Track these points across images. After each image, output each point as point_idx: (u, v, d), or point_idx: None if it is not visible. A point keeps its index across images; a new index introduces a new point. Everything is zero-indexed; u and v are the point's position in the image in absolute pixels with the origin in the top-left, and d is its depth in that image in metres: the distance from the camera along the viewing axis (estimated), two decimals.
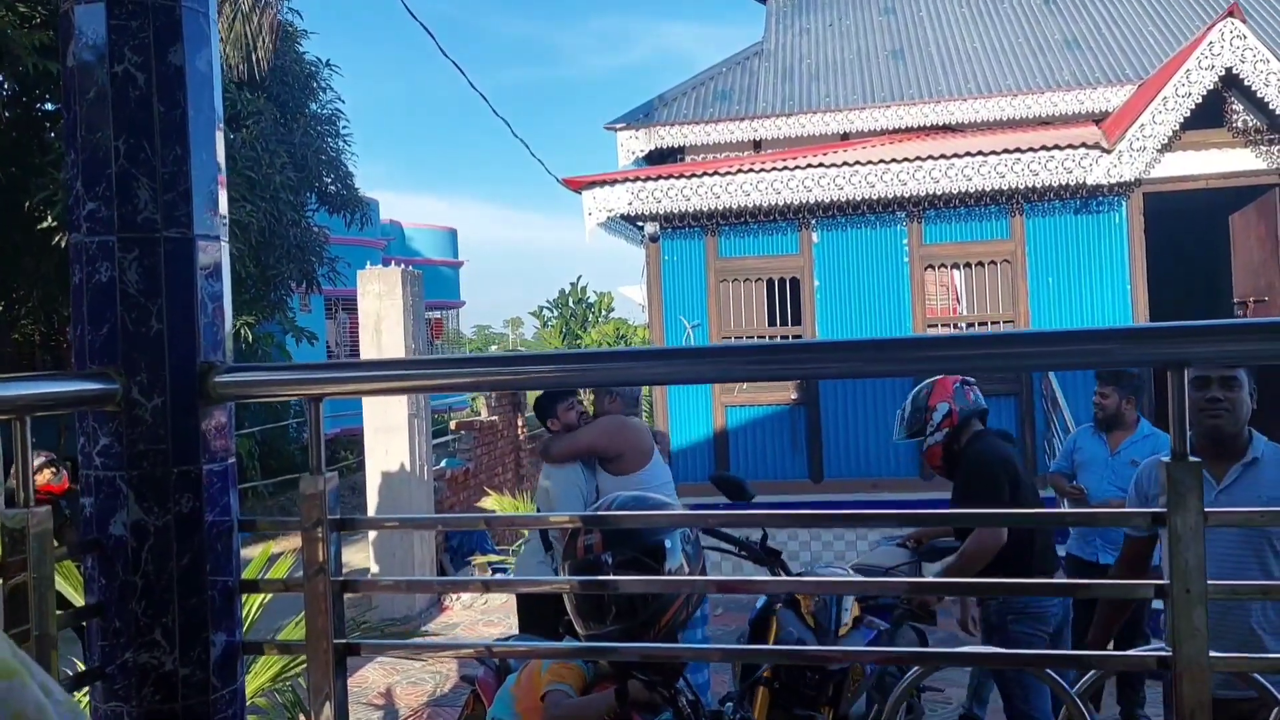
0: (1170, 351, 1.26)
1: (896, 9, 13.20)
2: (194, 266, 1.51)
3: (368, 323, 8.20)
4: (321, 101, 11.38)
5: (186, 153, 1.49)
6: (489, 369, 1.59)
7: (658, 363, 1.57)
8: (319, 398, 1.57)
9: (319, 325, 18.43)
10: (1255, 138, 8.23)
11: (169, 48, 1.46)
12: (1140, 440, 4.93)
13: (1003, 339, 1.42)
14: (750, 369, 1.54)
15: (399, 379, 1.64)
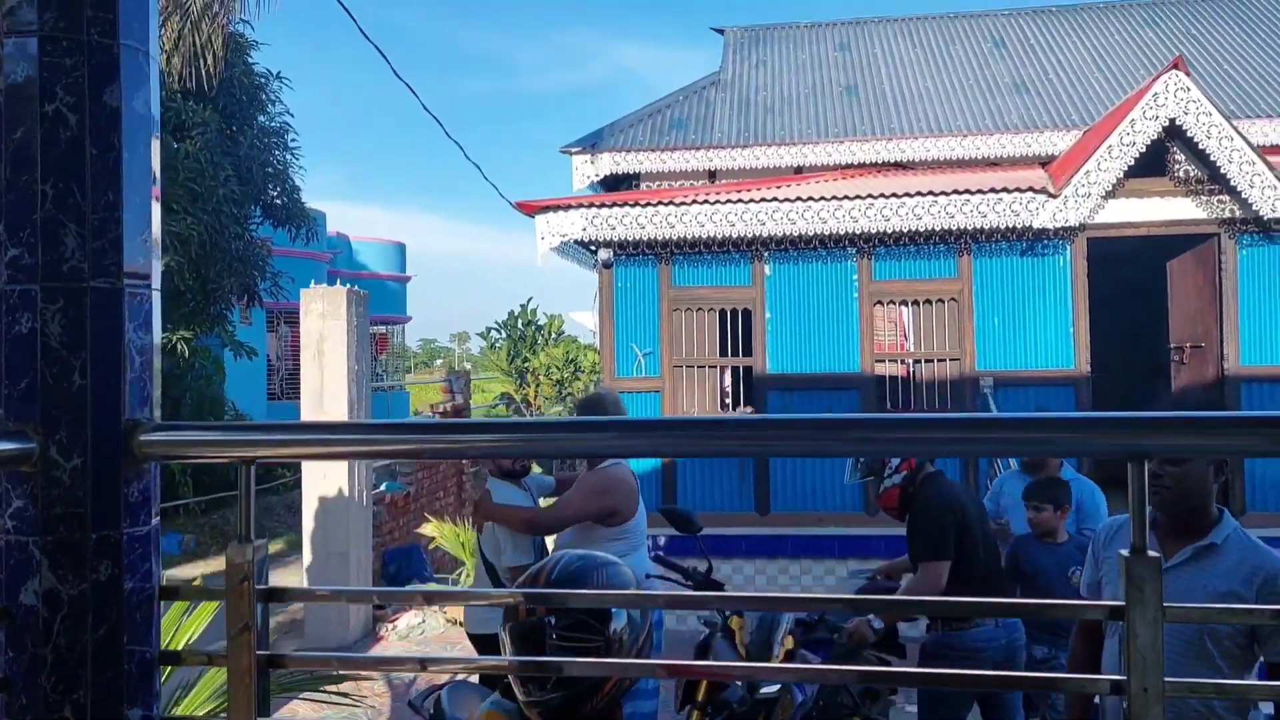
0: (1128, 443, 1.23)
1: (851, 46, 13.37)
2: (122, 318, 1.42)
3: (310, 343, 8.02)
4: (270, 114, 11.17)
5: (119, 199, 1.40)
6: (434, 436, 1.51)
7: (609, 435, 1.50)
8: (251, 461, 1.48)
9: (260, 339, 18.07)
10: (1196, 188, 8.42)
11: (105, 87, 1.37)
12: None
13: (958, 424, 1.37)
14: (703, 444, 1.50)
15: (339, 444, 1.55)
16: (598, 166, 11.13)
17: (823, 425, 1.42)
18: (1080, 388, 8.67)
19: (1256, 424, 1.26)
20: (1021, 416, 1.40)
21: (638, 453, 1.40)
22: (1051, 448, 1.39)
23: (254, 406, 18.74)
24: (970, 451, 1.97)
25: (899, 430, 1.40)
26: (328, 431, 1.59)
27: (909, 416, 1.39)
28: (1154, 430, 1.26)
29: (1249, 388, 8.45)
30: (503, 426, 1.50)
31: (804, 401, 8.93)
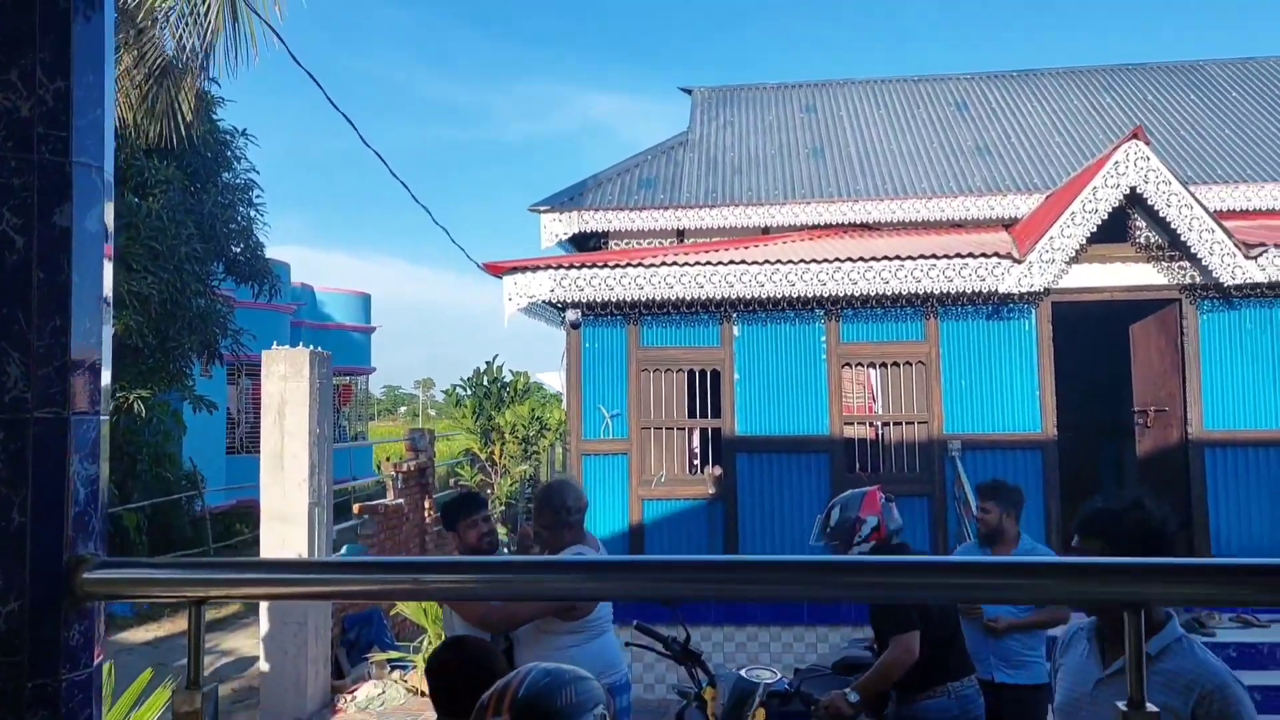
0: (1126, 591, 1.18)
1: (817, 107, 13.54)
2: (67, 449, 1.32)
3: (271, 405, 7.86)
4: (235, 170, 11.08)
5: (67, 324, 1.31)
6: (398, 576, 1.42)
7: (585, 576, 1.42)
8: (201, 601, 1.38)
9: (220, 391, 17.77)
10: (1157, 254, 8.55)
11: (55, 208, 1.29)
12: (1018, 555, 4.93)
13: (951, 568, 1.32)
14: (682, 586, 1.42)
15: (298, 584, 1.46)
16: (566, 225, 11.12)
17: (815, 568, 1.35)
18: (1047, 451, 8.69)
19: (1258, 572, 1.22)
20: (1016, 562, 1.34)
21: (610, 595, 1.31)
22: (1047, 594, 1.33)
23: (212, 461, 18.39)
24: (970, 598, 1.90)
25: (895, 574, 1.34)
26: (286, 570, 1.49)
27: (904, 560, 1.32)
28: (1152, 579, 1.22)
29: (1212, 452, 8.52)
30: (469, 566, 1.42)
31: (773, 464, 8.88)
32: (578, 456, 9.03)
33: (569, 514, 4.13)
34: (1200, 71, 13.70)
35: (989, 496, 5.07)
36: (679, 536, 8.90)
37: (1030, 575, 1.29)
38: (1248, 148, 11.43)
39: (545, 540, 4.19)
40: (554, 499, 4.16)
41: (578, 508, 4.17)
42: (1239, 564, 1.21)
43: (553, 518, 4.13)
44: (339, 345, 25.02)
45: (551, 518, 4.13)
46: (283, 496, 7.88)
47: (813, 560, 1.35)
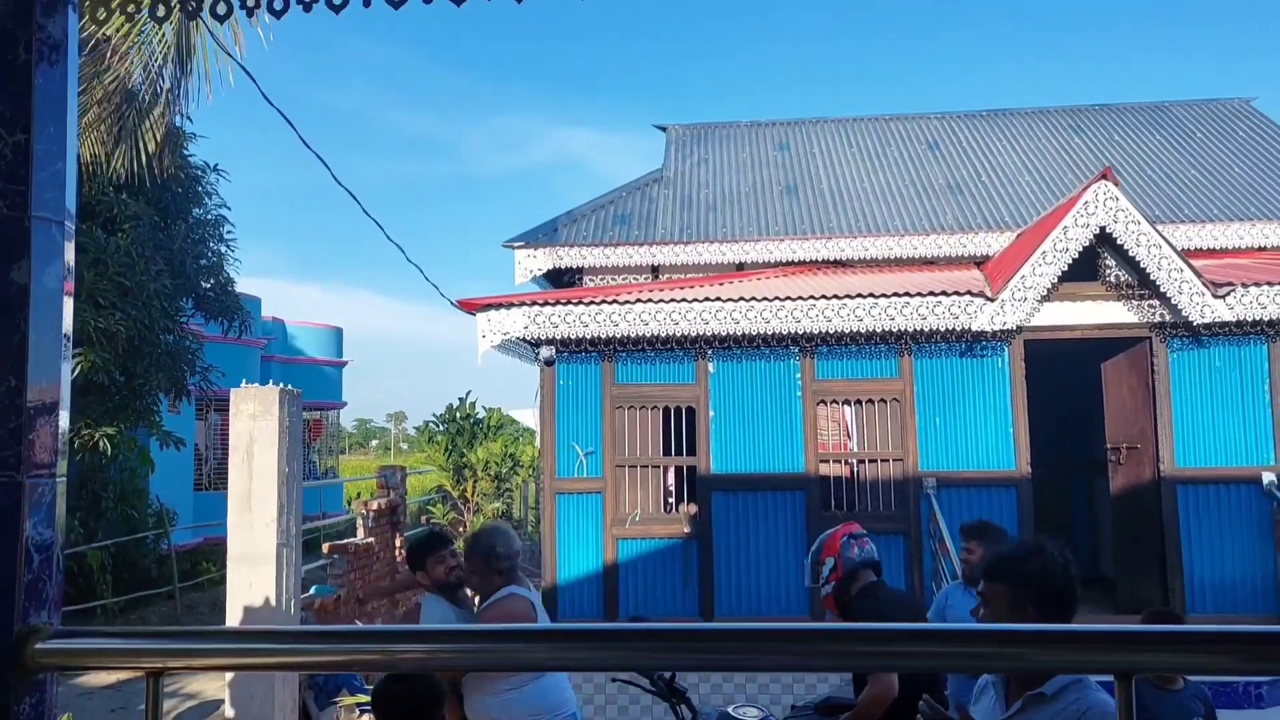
0: (1118, 660, 1.16)
1: (790, 145, 13.65)
2: (20, 514, 1.27)
3: (239, 444, 7.73)
4: (206, 206, 10.99)
5: (23, 383, 1.26)
6: (363, 646, 1.36)
7: (560, 645, 1.37)
8: (159, 673, 1.32)
9: (189, 427, 17.52)
10: (1127, 292, 8.63)
11: (12, 265, 1.24)
12: None
13: (935, 636, 1.28)
14: (653, 656, 1.38)
15: (259, 654, 1.40)
16: (541, 260, 11.10)
17: (793, 636, 1.32)
18: (1021, 489, 8.71)
19: (1255, 639, 1.21)
20: (1009, 629, 1.31)
21: (588, 665, 1.27)
22: (1039, 663, 1.30)
23: (180, 498, 18.08)
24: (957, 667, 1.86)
25: (877, 643, 1.31)
26: (247, 640, 1.43)
27: (891, 627, 1.29)
28: (1143, 647, 1.20)
29: (1184, 489, 8.56)
30: (437, 635, 1.36)
31: (748, 502, 8.84)
32: (551, 495, 8.95)
33: (498, 560, 4.16)
34: (1165, 112, 13.95)
35: (974, 537, 5.03)
36: (653, 576, 8.82)
37: (1019, 643, 1.26)
38: (1213, 187, 11.61)
39: (475, 586, 4.27)
40: (482, 546, 4.19)
41: (507, 554, 4.19)
42: (1229, 631, 1.19)
43: (482, 564, 4.17)
44: (310, 380, 24.79)
45: (480, 564, 4.18)
46: (250, 537, 7.73)
47: (796, 628, 1.31)
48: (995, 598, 2.54)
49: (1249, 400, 8.61)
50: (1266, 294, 8.25)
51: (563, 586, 8.80)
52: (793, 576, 8.74)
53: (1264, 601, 8.36)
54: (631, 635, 1.42)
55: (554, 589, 8.83)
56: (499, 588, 4.18)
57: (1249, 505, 8.49)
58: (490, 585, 4.17)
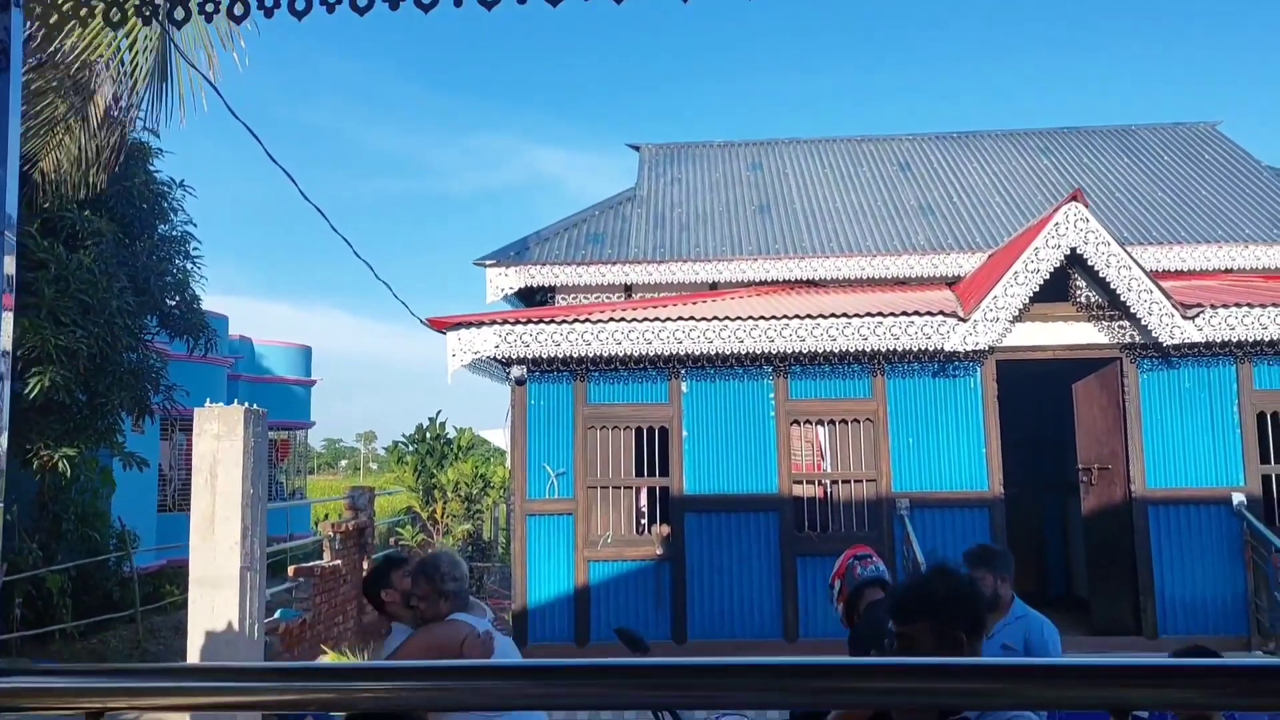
0: (1110, 695, 1.13)
1: (763, 165, 13.67)
2: None
3: (202, 465, 7.56)
4: (172, 222, 10.81)
5: None
6: (321, 684, 1.27)
7: (529, 682, 1.29)
8: (99, 713, 1.23)
9: (153, 447, 17.20)
10: (1097, 313, 8.67)
11: None
12: (1014, 622, 4.79)
13: (926, 671, 1.21)
14: (635, 693, 1.30)
15: (208, 693, 1.30)
16: (512, 279, 11.02)
17: (781, 672, 1.25)
18: (994, 509, 8.69)
19: (1252, 673, 1.16)
20: (998, 664, 1.25)
21: (558, 705, 1.19)
22: (1030, 699, 1.25)
23: (144, 519, 17.74)
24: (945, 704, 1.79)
25: (862, 678, 1.25)
26: (193, 678, 1.33)
27: (876, 662, 1.23)
28: (1136, 682, 1.16)
29: (1155, 510, 8.58)
30: (397, 673, 1.27)
31: (722, 523, 8.76)
32: (522, 516, 8.83)
33: (443, 582, 4.06)
34: (1133, 135, 14.11)
35: (981, 564, 4.80)
36: (626, 598, 8.71)
37: (1014, 679, 1.21)
38: (1181, 210, 11.74)
39: (421, 612, 4.13)
40: (428, 570, 4.10)
41: (453, 577, 4.09)
42: (1225, 665, 1.16)
43: (428, 587, 4.08)
44: (278, 399, 24.49)
45: (426, 587, 4.08)
46: (212, 561, 7.55)
47: (781, 663, 1.24)
48: (920, 638, 2.36)
49: (1218, 421, 8.66)
50: (1235, 315, 8.31)
51: (534, 609, 8.67)
52: (767, 598, 8.66)
53: (1234, 622, 8.37)
54: (604, 671, 1.34)
55: (525, 611, 8.69)
56: (447, 613, 4.06)
57: (1219, 526, 8.52)
58: (436, 610, 4.05)
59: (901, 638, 2.40)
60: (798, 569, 8.68)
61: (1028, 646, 4.66)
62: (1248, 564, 8.36)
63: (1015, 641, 4.66)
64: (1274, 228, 11.20)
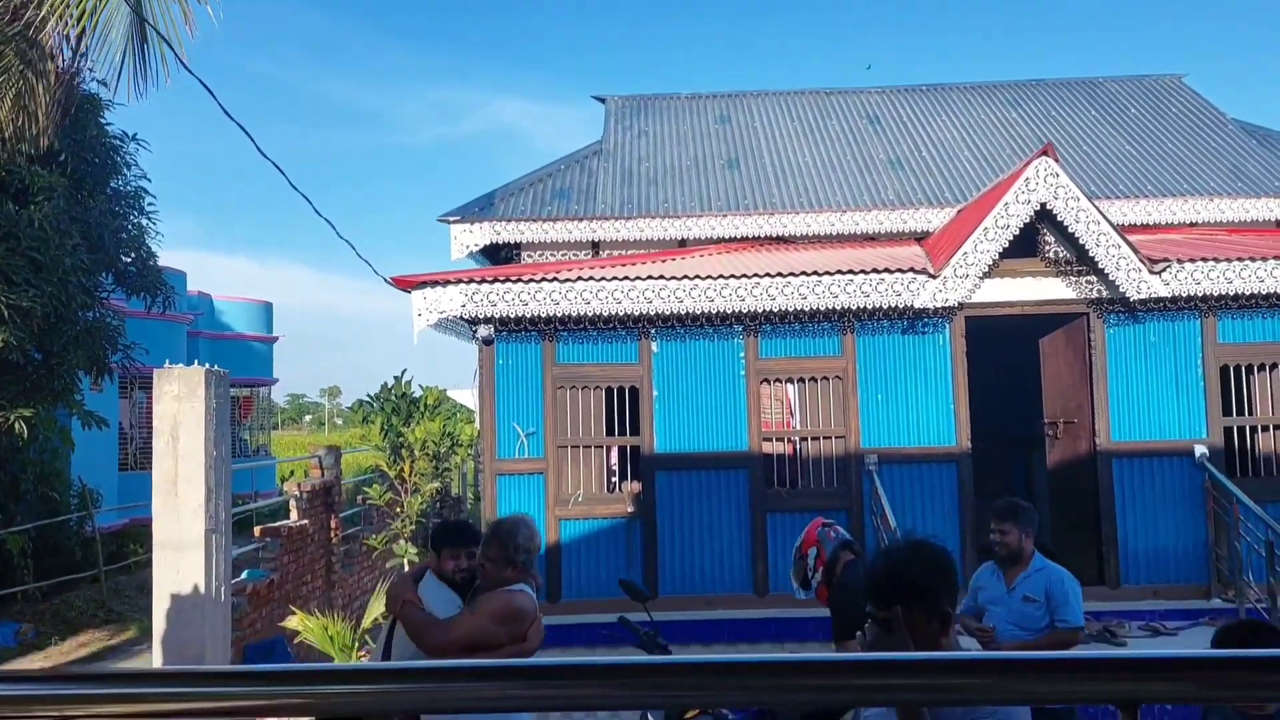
0: (1120, 689, 1.08)
1: (731, 118, 13.52)
2: None
3: (163, 427, 7.41)
4: (125, 177, 10.48)
5: None
6: (293, 688, 1.20)
7: (515, 683, 1.23)
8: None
9: (112, 405, 16.92)
10: (1065, 269, 8.69)
11: None
12: (1034, 574, 4.84)
13: (931, 666, 1.16)
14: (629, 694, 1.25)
15: (176, 699, 1.23)
16: (477, 236, 10.84)
17: (775, 669, 1.19)
18: (961, 464, 8.76)
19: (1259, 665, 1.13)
20: (1005, 658, 1.20)
21: (540, 705, 1.13)
22: (1036, 694, 1.20)
23: (105, 478, 17.52)
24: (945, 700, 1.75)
25: (863, 675, 1.20)
26: (161, 683, 1.25)
27: (871, 657, 1.19)
28: (1148, 675, 1.11)
29: (1119, 462, 8.69)
30: (375, 675, 1.21)
31: (692, 480, 8.76)
32: (492, 476, 8.77)
33: (516, 552, 3.99)
34: (1100, 88, 14.09)
35: (1007, 518, 4.88)
36: (597, 556, 8.71)
37: (1023, 673, 1.17)
38: (1146, 163, 11.77)
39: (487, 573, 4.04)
40: (503, 534, 4.02)
41: (527, 549, 4.02)
42: (1238, 656, 1.12)
43: (500, 552, 3.99)
44: (239, 356, 24.17)
45: (499, 552, 4.00)
46: (176, 523, 7.44)
47: (774, 660, 1.19)
48: (913, 619, 2.29)
49: (1182, 374, 8.75)
50: (1201, 270, 8.36)
51: None
52: (737, 554, 8.71)
53: (1195, 571, 8.54)
54: (594, 672, 1.27)
55: None
56: (511, 581, 3.99)
57: (1182, 477, 8.65)
58: (502, 575, 3.98)
59: (881, 621, 2.32)
60: (767, 525, 8.72)
61: (1049, 597, 4.72)
62: (1209, 514, 8.51)
63: (1036, 593, 4.75)
64: (1237, 180, 11.27)
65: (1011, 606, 4.79)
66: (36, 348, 9.29)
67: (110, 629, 12.87)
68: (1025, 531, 4.86)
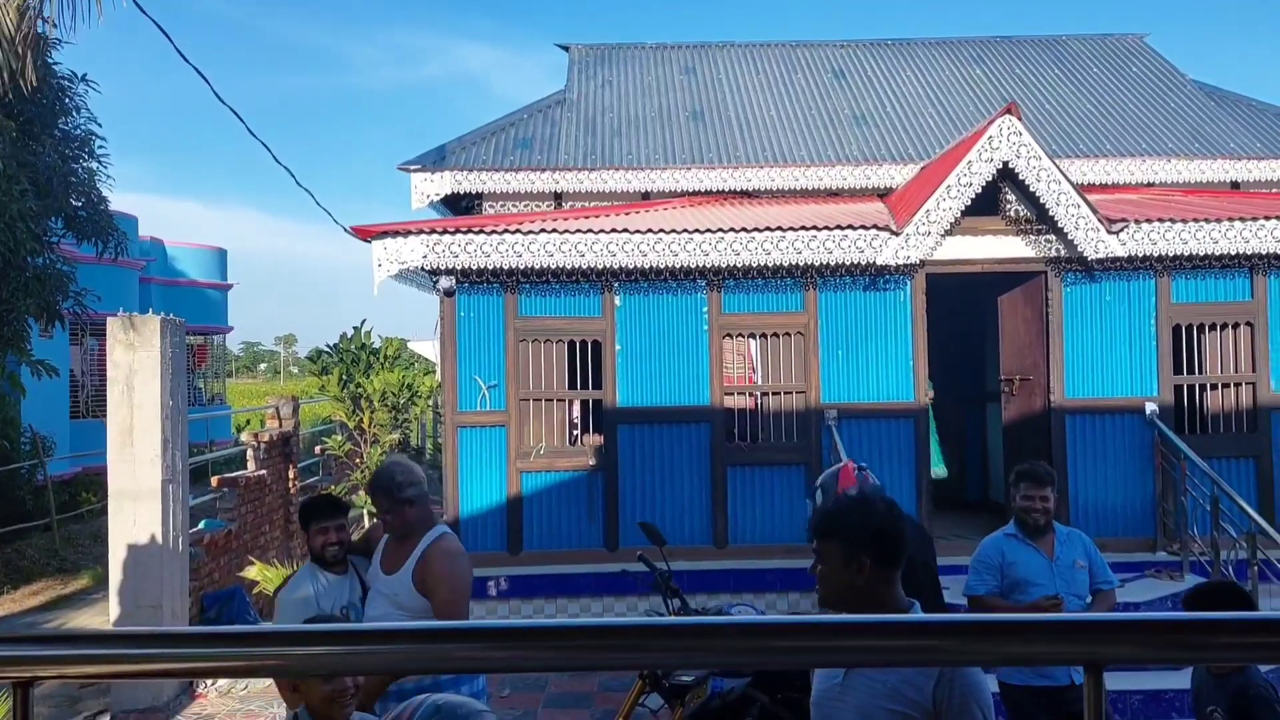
0: (1084, 651, 1.11)
1: (696, 69, 13.39)
2: None
3: (118, 376, 7.29)
4: (75, 120, 10.17)
5: None
6: (268, 649, 1.19)
7: (493, 645, 1.23)
8: (29, 682, 1.14)
9: (63, 353, 16.59)
10: (1025, 227, 8.76)
11: None
12: (1066, 540, 4.70)
13: (901, 629, 1.18)
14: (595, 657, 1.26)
15: (145, 660, 1.22)
16: (438, 185, 10.69)
17: (753, 631, 1.21)
18: (918, 420, 8.87)
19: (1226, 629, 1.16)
20: (972, 620, 1.22)
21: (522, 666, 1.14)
22: (1002, 656, 1.23)
23: (57, 425, 17.23)
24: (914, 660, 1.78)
25: (838, 636, 1.21)
26: (131, 645, 1.24)
27: (847, 619, 1.21)
28: (1112, 637, 1.14)
29: (1072, 419, 8.86)
30: (344, 636, 1.21)
31: (653, 434, 8.80)
32: (453, 429, 8.75)
33: (400, 490, 3.91)
34: (1062, 46, 14.14)
35: (1046, 483, 4.64)
36: (559, 509, 8.75)
37: (992, 635, 1.19)
38: (1106, 122, 11.86)
39: (390, 525, 4.00)
40: (382, 483, 3.96)
41: (409, 482, 3.95)
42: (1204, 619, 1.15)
43: (388, 500, 3.93)
44: (192, 303, 23.77)
45: (387, 500, 3.93)
46: (132, 474, 7.35)
47: (756, 622, 1.21)
48: (829, 554, 2.56)
49: (1136, 333, 8.90)
50: (1157, 231, 8.47)
51: (465, 519, 8.67)
52: (698, 507, 8.79)
53: (1142, 525, 8.76)
54: (573, 633, 1.28)
55: (457, 522, 8.68)
56: (415, 521, 3.94)
57: (1132, 434, 8.84)
58: (405, 520, 3.92)
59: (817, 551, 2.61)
60: (728, 479, 8.80)
61: (1090, 559, 4.65)
62: (1157, 470, 8.72)
63: (1081, 556, 4.63)
64: (1195, 142, 11.40)
65: (1065, 575, 4.61)
66: None
67: (63, 577, 12.75)
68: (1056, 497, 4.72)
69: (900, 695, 2.40)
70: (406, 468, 4.04)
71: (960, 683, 2.38)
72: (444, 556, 3.90)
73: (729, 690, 4.87)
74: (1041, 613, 4.49)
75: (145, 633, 1.34)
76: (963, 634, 1.20)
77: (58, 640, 1.35)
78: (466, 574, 3.99)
